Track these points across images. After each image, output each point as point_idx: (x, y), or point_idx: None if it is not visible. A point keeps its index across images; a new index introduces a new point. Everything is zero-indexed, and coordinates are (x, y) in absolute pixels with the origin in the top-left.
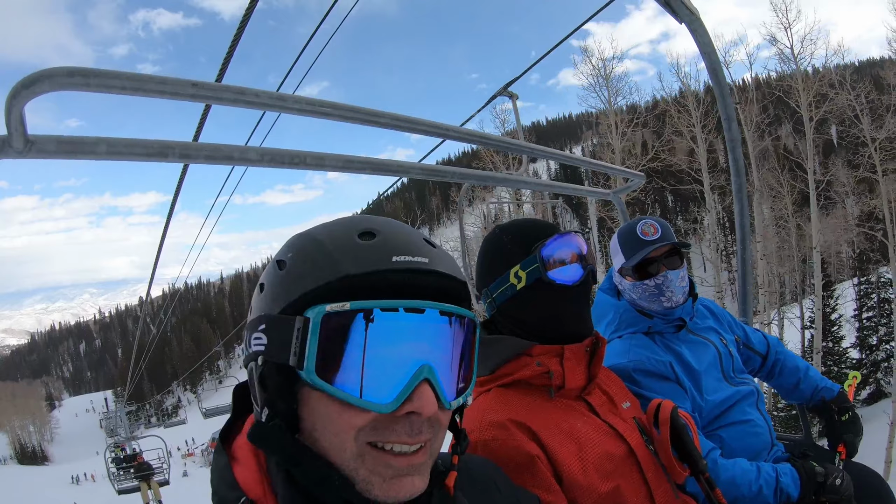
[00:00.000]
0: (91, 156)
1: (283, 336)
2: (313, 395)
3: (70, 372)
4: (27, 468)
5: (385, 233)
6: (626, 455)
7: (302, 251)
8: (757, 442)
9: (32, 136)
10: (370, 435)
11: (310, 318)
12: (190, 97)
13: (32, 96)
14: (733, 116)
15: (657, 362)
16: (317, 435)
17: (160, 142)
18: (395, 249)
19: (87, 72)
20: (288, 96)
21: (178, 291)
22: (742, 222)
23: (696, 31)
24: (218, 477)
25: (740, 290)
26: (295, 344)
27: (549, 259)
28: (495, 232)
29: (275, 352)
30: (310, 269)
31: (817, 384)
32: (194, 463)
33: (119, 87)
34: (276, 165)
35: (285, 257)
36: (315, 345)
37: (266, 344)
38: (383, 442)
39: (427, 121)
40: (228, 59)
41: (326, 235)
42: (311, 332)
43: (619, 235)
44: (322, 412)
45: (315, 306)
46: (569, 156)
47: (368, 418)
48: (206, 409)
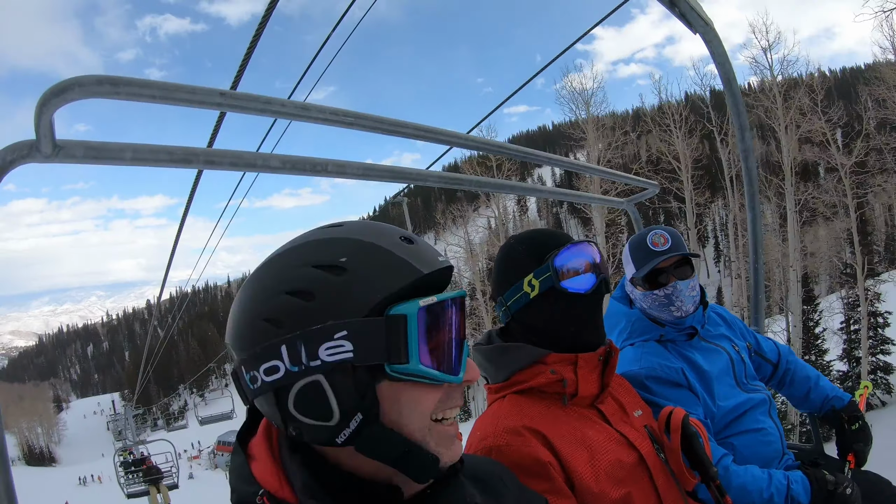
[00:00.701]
0: (117, 161)
1: (375, 337)
2: (393, 387)
3: (77, 374)
4: (35, 469)
5: (416, 239)
6: (636, 463)
7: (364, 256)
8: (769, 450)
9: (60, 141)
10: (440, 407)
11: (406, 314)
12: (217, 106)
13: (62, 104)
14: (746, 126)
15: (669, 369)
16: (403, 420)
17: (184, 148)
18: (433, 252)
19: (117, 80)
20: (312, 106)
21: (187, 296)
22: (755, 231)
23: (710, 42)
24: (236, 475)
25: (753, 299)
26: (391, 341)
27: (561, 268)
28: (510, 242)
29: (366, 354)
30: (386, 273)
31: (828, 394)
32: (199, 465)
33: (148, 96)
34: (297, 173)
35: (338, 263)
36: (416, 337)
37: (353, 350)
38: (448, 410)
39: (448, 131)
40: (244, 67)
41: (382, 240)
42: (411, 326)
43: (630, 246)
44: (408, 398)
45: (402, 303)
46: (586, 165)
47: (440, 393)
48: (202, 418)
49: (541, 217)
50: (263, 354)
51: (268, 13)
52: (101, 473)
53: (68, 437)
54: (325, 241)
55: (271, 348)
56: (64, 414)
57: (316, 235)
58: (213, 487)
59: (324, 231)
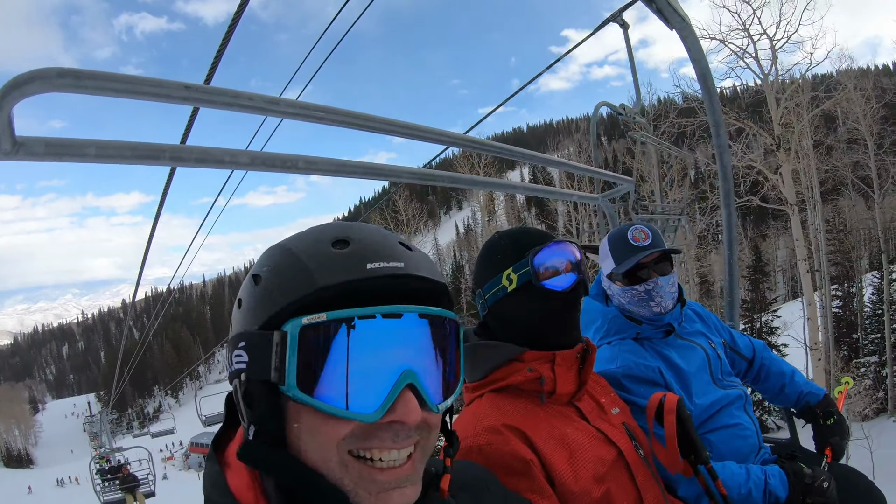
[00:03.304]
0: (80, 158)
1: (264, 352)
2: (299, 409)
3: (53, 374)
4: (13, 471)
5: (358, 240)
6: (615, 459)
7: (276, 265)
8: (745, 445)
9: (20, 137)
10: (353, 443)
11: (287, 332)
12: (182, 100)
13: (22, 97)
14: (721, 122)
15: (646, 368)
16: (303, 447)
17: (150, 144)
18: (369, 256)
19: (79, 73)
20: (281, 100)
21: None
22: (729, 227)
23: (686, 38)
24: (210, 484)
25: (727, 295)
26: (275, 359)
27: (540, 266)
28: (494, 236)
29: (256, 369)
30: (285, 283)
31: (802, 389)
32: (174, 466)
33: (111, 90)
34: (267, 169)
35: (260, 272)
36: (294, 359)
37: (247, 361)
38: (368, 450)
39: (421, 126)
40: (217, 62)
41: (299, 247)
42: (290, 346)
43: (610, 241)
44: (307, 424)
45: (292, 320)
46: (564, 161)
47: (350, 427)
48: (206, 417)
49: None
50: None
51: (240, 9)
52: (78, 475)
53: (45, 438)
54: (270, 249)
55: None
56: (40, 415)
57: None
58: (186, 488)
59: (292, 236)
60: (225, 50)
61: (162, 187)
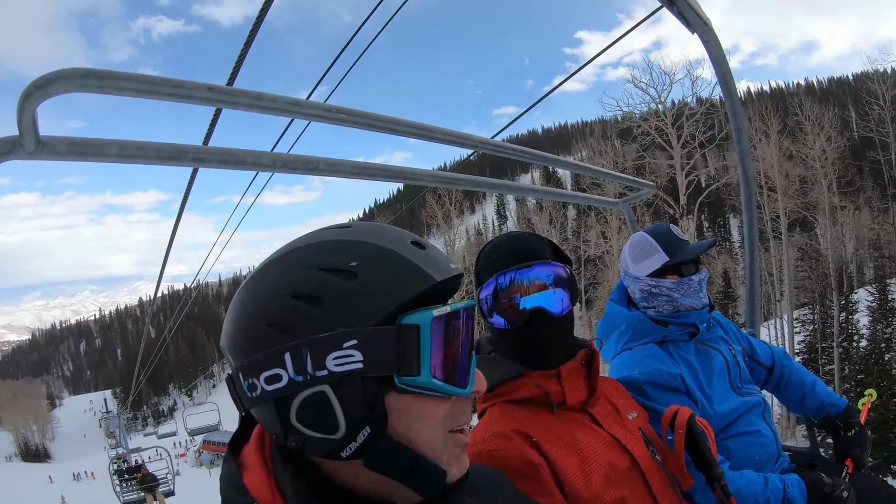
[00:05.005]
0: (103, 158)
1: (386, 347)
2: (401, 399)
3: (70, 371)
4: (31, 465)
5: (427, 244)
6: (630, 466)
7: (376, 261)
8: (763, 453)
9: (44, 137)
10: (451, 422)
11: (419, 324)
12: (205, 101)
13: (46, 97)
14: (744, 127)
15: (668, 375)
16: (412, 434)
17: (173, 145)
18: (444, 259)
19: (102, 73)
20: (304, 102)
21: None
22: (751, 233)
23: (708, 42)
24: (227, 484)
25: (748, 301)
26: (401, 352)
27: (485, 299)
28: (486, 244)
29: (377, 365)
30: (400, 279)
31: (823, 399)
32: (186, 463)
33: (133, 90)
34: (289, 171)
35: (349, 267)
36: (428, 348)
37: (363, 360)
38: (460, 423)
39: (443, 129)
40: (240, 63)
41: (394, 244)
42: (423, 337)
43: (655, 237)
44: (416, 410)
45: (414, 312)
46: (584, 165)
47: (449, 405)
48: (191, 429)
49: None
50: (265, 362)
51: (263, 10)
52: (94, 469)
53: (62, 433)
54: (334, 243)
55: (274, 356)
56: (57, 411)
57: (324, 236)
58: (198, 484)
59: (332, 232)
60: (248, 51)
61: (180, 186)
